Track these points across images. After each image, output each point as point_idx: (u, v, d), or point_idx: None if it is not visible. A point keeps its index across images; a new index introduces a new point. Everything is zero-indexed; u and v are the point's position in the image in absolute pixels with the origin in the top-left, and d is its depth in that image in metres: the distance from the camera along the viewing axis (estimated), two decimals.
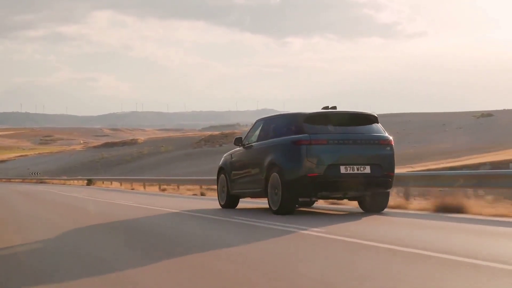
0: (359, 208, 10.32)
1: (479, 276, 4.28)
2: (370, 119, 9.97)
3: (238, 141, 11.44)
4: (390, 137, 9.77)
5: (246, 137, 11.40)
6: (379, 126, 9.89)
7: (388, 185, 9.69)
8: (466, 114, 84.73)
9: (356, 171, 9.29)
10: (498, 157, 38.74)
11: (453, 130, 69.56)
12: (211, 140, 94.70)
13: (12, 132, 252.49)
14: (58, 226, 8.86)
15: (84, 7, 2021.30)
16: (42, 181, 59.41)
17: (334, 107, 10.17)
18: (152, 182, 32.28)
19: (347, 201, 10.90)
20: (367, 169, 9.35)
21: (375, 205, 9.98)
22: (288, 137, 9.71)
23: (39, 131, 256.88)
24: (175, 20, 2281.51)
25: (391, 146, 9.70)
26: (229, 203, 11.70)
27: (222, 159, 12.16)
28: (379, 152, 9.56)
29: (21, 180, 67.81)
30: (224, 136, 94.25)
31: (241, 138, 11.48)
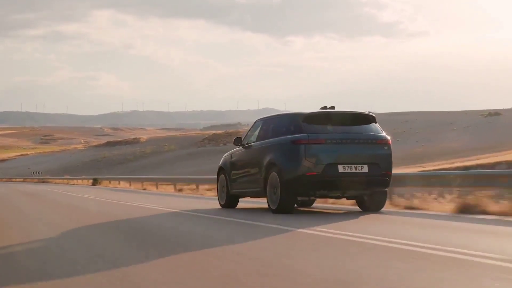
0: (358, 207, 10.43)
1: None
2: (368, 119, 10.06)
3: (238, 141, 11.54)
4: (388, 137, 9.87)
5: (245, 137, 11.49)
6: (376, 126, 9.98)
7: (385, 184, 9.79)
8: (473, 113, 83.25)
9: (354, 170, 9.39)
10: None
11: (461, 129, 68.25)
12: (215, 139, 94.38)
13: (12, 131, 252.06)
14: (78, 234, 7.61)
15: (84, 6, 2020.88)
16: (44, 181, 57.95)
17: (333, 107, 10.26)
18: (165, 181, 29.50)
19: (345, 200, 10.99)
20: (365, 168, 9.45)
21: (373, 204, 10.07)
22: (287, 136, 9.81)
23: (39, 130, 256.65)
24: (176, 19, 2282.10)
25: (389, 145, 9.80)
26: (229, 203, 11.78)
27: (222, 159, 12.25)
28: (376, 151, 9.66)
29: (22, 179, 67.14)
30: (228, 135, 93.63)
31: (241, 138, 11.58)
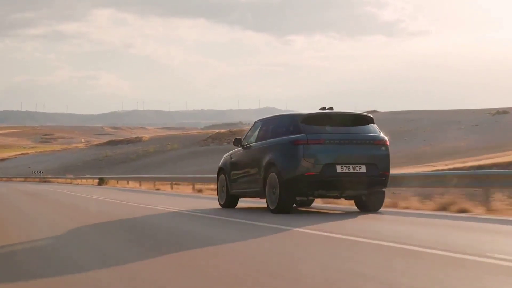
0: (356, 207, 10.52)
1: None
2: (366, 119, 10.17)
3: (237, 141, 11.65)
4: (386, 138, 9.97)
5: (245, 137, 11.59)
6: (374, 126, 10.09)
7: (383, 184, 9.89)
8: (481, 111, 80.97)
9: (352, 171, 9.49)
10: None
11: (469, 127, 66.27)
12: (218, 138, 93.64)
13: (12, 131, 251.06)
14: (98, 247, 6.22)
15: (84, 5, 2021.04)
16: (46, 180, 56.79)
17: (331, 108, 10.38)
18: (182, 180, 26.64)
19: (344, 200, 11.07)
20: (363, 169, 9.55)
21: (371, 204, 10.17)
22: (286, 137, 9.91)
23: (39, 129, 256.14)
24: (177, 18, 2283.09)
25: (387, 146, 9.91)
26: (228, 202, 11.88)
27: (222, 159, 12.35)
28: (374, 152, 9.76)
29: (23, 179, 66.44)
30: (232, 133, 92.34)
31: (240, 139, 11.68)
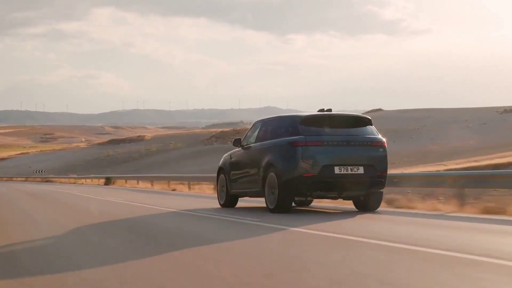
0: (354, 207, 10.63)
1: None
2: (364, 121, 10.31)
3: (237, 142, 11.78)
4: (383, 139, 10.11)
5: (245, 138, 11.72)
6: (372, 128, 10.23)
7: (381, 185, 10.01)
8: (488, 109, 79.47)
9: (350, 172, 9.62)
10: None
11: (477, 126, 64.43)
12: (222, 137, 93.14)
13: (12, 130, 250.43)
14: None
15: (84, 4, 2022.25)
16: (48, 180, 55.36)
17: (330, 109, 10.52)
18: (201, 180, 24.10)
19: (342, 200, 11.19)
20: (361, 170, 9.68)
21: (369, 205, 10.30)
22: (285, 138, 10.04)
23: (39, 129, 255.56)
24: (177, 17, 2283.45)
25: (384, 147, 10.04)
26: (228, 202, 12.00)
27: (222, 159, 12.48)
28: (372, 153, 9.89)
29: (24, 178, 65.37)
30: (236, 132, 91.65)
31: (240, 139, 11.82)
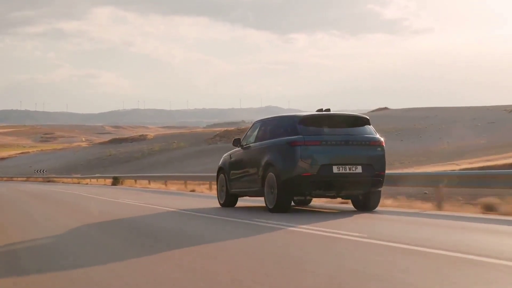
0: (353, 206, 10.71)
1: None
2: (362, 121, 10.39)
3: (237, 142, 11.87)
4: (381, 139, 10.19)
5: (244, 138, 11.81)
6: (370, 127, 10.31)
7: (379, 184, 10.09)
8: (496, 108, 78.17)
9: (348, 171, 9.71)
10: None
11: (485, 124, 62.78)
12: (226, 136, 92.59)
13: (12, 130, 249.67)
14: None
15: (84, 3, 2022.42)
16: (49, 180, 53.99)
17: (328, 109, 10.61)
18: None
19: (341, 199, 11.30)
20: (359, 169, 9.77)
21: (368, 204, 10.37)
22: (284, 138, 10.12)
23: (39, 128, 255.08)
24: (177, 16, 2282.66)
25: (382, 147, 10.13)
26: (228, 202, 12.09)
27: (222, 159, 12.56)
28: (370, 153, 9.98)
29: (25, 178, 64.51)
30: (241, 131, 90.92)
31: (240, 139, 11.91)
